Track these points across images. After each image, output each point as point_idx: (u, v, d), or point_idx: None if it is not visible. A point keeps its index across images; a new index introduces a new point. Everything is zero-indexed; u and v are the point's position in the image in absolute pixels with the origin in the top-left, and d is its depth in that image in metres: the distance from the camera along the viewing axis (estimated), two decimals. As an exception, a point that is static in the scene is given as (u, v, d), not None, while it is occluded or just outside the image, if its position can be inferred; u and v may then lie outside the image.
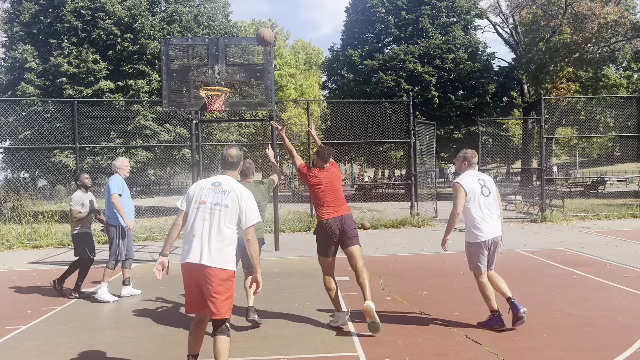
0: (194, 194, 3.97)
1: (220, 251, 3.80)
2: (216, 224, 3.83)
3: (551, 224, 13.93)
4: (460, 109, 26.97)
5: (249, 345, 4.83)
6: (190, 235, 3.86)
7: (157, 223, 14.63)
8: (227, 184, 3.97)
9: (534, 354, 4.43)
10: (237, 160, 4.16)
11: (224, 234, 3.84)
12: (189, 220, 3.91)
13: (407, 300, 6.33)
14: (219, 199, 3.90)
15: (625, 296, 6.25)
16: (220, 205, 3.88)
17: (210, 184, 3.99)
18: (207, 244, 3.78)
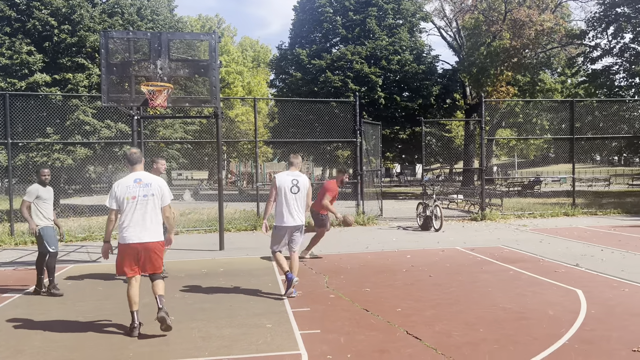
0: (122, 192, 5.11)
1: (156, 229, 5.15)
2: (150, 210, 5.12)
3: (490, 222, 14.43)
4: (406, 109, 27.54)
5: (189, 347, 4.74)
6: (130, 223, 5.05)
7: (97, 222, 14.10)
8: (146, 178, 5.21)
9: (471, 348, 4.57)
10: (140, 156, 5.36)
11: (157, 216, 5.18)
12: (125, 213, 5.06)
13: (350, 298, 6.38)
14: (146, 191, 5.13)
15: (556, 291, 6.55)
16: (148, 196, 5.12)
17: (132, 181, 5.15)
18: (147, 226, 5.09)
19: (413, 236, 12.03)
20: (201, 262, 9.11)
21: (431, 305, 6.01)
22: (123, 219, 5.05)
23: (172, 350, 4.67)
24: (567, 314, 5.50)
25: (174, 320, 5.53)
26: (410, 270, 8.09)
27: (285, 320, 5.50)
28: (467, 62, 29.81)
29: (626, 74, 26.96)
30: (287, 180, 6.57)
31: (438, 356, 4.40)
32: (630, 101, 26.01)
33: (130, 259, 5.08)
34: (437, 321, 5.39)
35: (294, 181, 6.56)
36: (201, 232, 13.18)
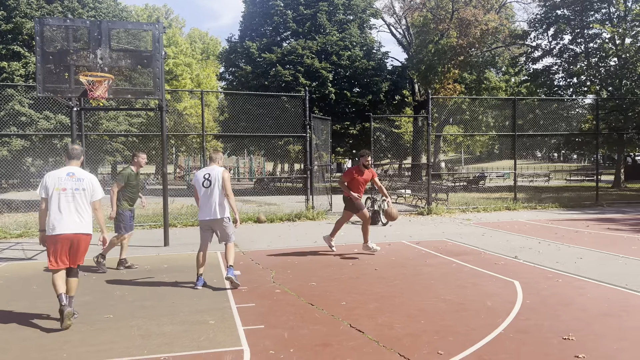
0: (52, 183, 5.28)
1: (85, 223, 5.33)
2: (80, 203, 5.31)
3: (436, 216, 14.77)
4: (356, 105, 27.75)
5: (128, 345, 4.60)
6: (58, 214, 5.20)
7: (34, 218, 13.48)
8: (79, 173, 5.43)
9: (412, 339, 4.65)
10: (80, 153, 5.62)
11: (87, 210, 5.37)
12: (53, 203, 5.22)
13: (296, 292, 6.37)
14: (77, 185, 5.34)
15: (495, 282, 6.77)
16: (79, 190, 5.34)
17: (65, 174, 5.36)
18: (74, 219, 5.24)
19: (361, 231, 12.12)
20: (144, 258, 8.88)
21: (375, 298, 6.08)
22: (51, 210, 5.21)
23: (110, 349, 4.52)
24: (504, 304, 5.69)
25: (112, 319, 5.38)
26: (356, 264, 8.16)
27: (229, 316, 5.43)
28: (415, 59, 30.34)
29: (565, 74, 28.18)
30: (200, 175, 6.74)
31: (379, 348, 4.45)
32: (568, 100, 27.21)
33: (61, 250, 5.20)
34: (380, 314, 5.46)
35: (206, 175, 6.68)
36: (146, 227, 12.85)
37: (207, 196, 6.68)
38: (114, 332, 4.98)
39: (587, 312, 5.38)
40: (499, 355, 4.20)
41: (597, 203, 17.43)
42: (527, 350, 4.33)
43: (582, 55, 26.99)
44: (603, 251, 8.81)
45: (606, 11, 26.49)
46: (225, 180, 6.67)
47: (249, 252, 9.30)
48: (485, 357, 4.17)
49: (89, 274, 7.59)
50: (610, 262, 7.88)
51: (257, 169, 45.75)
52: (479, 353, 4.28)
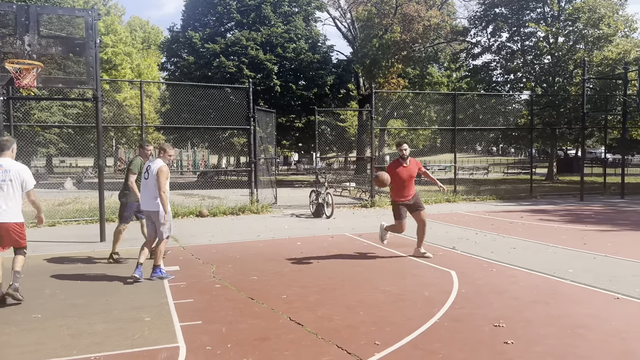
0: None
1: (17, 211, 5.63)
2: (7, 193, 5.52)
3: (379, 209, 14.99)
4: (301, 98, 27.72)
5: (56, 346, 4.39)
6: None
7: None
8: (7, 164, 5.57)
9: (350, 330, 4.69)
10: (8, 144, 5.72)
11: (16, 200, 5.60)
12: None
13: (236, 287, 6.30)
14: (4, 176, 5.51)
15: (433, 272, 6.94)
16: (6, 181, 5.51)
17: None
18: (6, 207, 5.52)
19: (305, 223, 12.16)
20: (78, 254, 8.52)
21: (316, 290, 6.09)
22: None
23: (36, 351, 4.30)
24: (440, 294, 5.83)
25: (40, 319, 5.13)
26: (299, 257, 8.16)
27: (166, 313, 5.29)
28: (360, 53, 30.57)
29: (503, 71, 29.24)
30: (145, 166, 7.01)
31: (318, 340, 4.46)
32: (505, 96, 28.25)
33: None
34: (320, 306, 5.47)
35: (148, 167, 6.84)
36: (82, 222, 12.34)
37: (144, 187, 6.84)
38: (42, 332, 4.75)
39: (518, 300, 5.61)
40: (433, 344, 4.30)
41: (532, 195, 18.22)
42: (460, 338, 4.45)
43: (519, 52, 28.07)
44: (535, 241, 9.21)
45: (541, 10, 27.65)
46: (159, 176, 6.61)
47: (190, 246, 9.11)
48: (421, 346, 4.26)
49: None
50: (541, 252, 8.25)
51: (201, 162, 44.96)
52: (414, 342, 4.36)
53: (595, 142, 40.98)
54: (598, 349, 4.17)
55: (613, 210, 14.27)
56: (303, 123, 27.87)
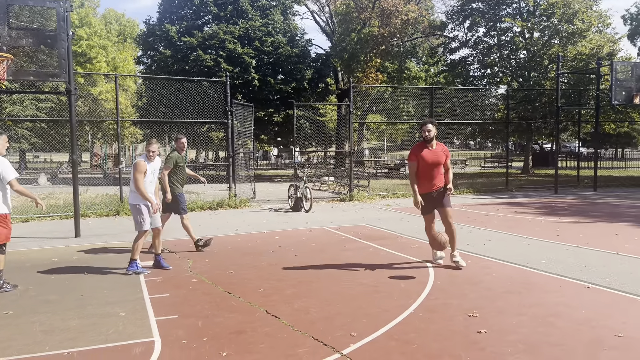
0: None
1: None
2: None
3: (358, 202, 15.05)
4: (280, 92, 27.58)
5: (28, 342, 4.32)
6: None
7: None
8: None
9: (326, 322, 4.71)
10: None
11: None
12: None
13: (213, 281, 6.27)
14: None
15: (409, 264, 7.00)
16: None
17: None
18: None
19: (283, 217, 12.15)
20: (52, 250, 8.38)
21: (293, 284, 6.10)
22: None
23: (8, 347, 4.23)
24: (416, 285, 5.90)
25: (12, 315, 5.05)
26: (277, 250, 8.15)
27: (141, 308, 5.25)
28: (339, 47, 30.55)
29: (479, 65, 29.53)
30: None
31: (294, 333, 4.48)
32: (482, 90, 28.54)
33: None
34: (296, 299, 5.48)
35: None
36: (56, 218, 12.14)
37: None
38: (13, 328, 4.67)
39: (492, 290, 5.70)
40: (408, 335, 4.35)
41: (507, 188, 18.49)
42: (435, 328, 4.51)
43: (495, 47, 28.38)
44: (510, 233, 9.36)
45: (517, 6, 27.97)
46: (133, 170, 6.76)
47: (166, 241, 9.00)
48: (396, 337, 4.30)
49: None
50: (515, 243, 8.39)
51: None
52: (390, 333, 4.41)
53: (569, 135, 41.78)
54: (569, 337, 4.26)
55: (586, 202, 14.57)
56: (282, 117, 27.75)
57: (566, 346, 4.07)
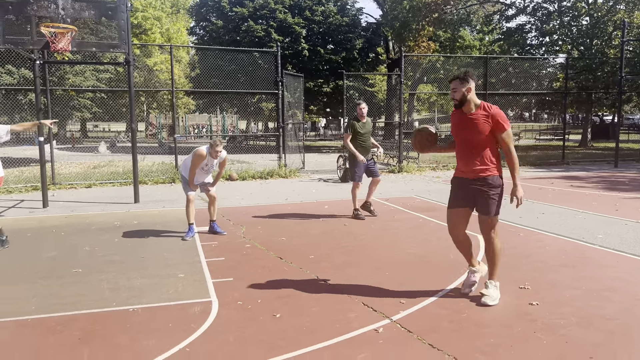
0: None
1: None
2: None
3: (407, 174, 14.98)
4: (329, 62, 27.43)
5: (96, 298, 4.64)
6: None
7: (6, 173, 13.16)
8: None
9: (376, 290, 4.81)
10: None
11: None
12: None
13: (265, 247, 6.47)
14: None
15: (459, 236, 6.97)
16: None
17: None
18: None
19: (332, 188, 12.27)
20: (114, 214, 8.84)
21: (342, 252, 6.22)
22: None
23: (78, 302, 4.56)
24: (466, 256, 5.88)
25: (80, 273, 5.39)
26: (326, 220, 8.29)
27: (199, 270, 5.50)
28: (390, 15, 29.94)
29: (537, 33, 28.26)
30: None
31: (344, 298, 4.60)
32: (539, 59, 27.40)
33: None
34: (346, 266, 5.60)
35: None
36: (116, 185, 12.72)
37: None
38: (83, 285, 5.01)
39: (545, 263, 5.62)
40: (457, 304, 4.38)
41: (564, 161, 17.88)
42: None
43: (555, 14, 27.04)
44: (564, 207, 9.12)
45: (580, -31, 26.45)
46: (193, 155, 6.96)
47: (221, 208, 9.29)
48: (445, 306, 4.35)
49: (57, 230, 7.54)
50: (571, 217, 8.18)
51: (230, 127, 45.24)
52: (439, 302, 4.46)
53: (633, 107, 39.61)
54: (624, 312, 4.19)
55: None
56: (331, 88, 27.67)
57: (621, 320, 4.01)
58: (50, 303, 4.53)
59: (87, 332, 3.90)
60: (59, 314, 4.25)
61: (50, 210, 9.29)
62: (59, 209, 9.33)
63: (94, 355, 3.50)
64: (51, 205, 9.68)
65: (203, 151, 6.85)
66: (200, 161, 6.87)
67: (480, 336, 3.73)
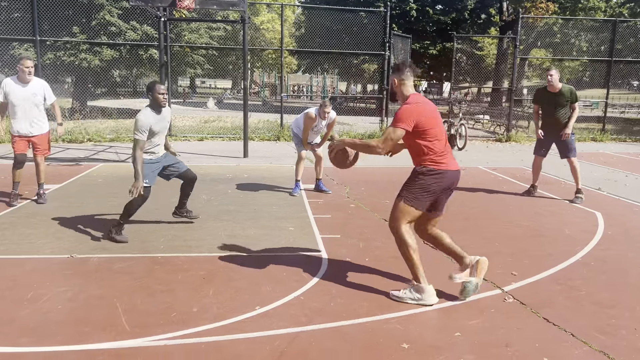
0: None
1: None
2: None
3: (515, 144, 14.29)
4: (438, 23, 26.46)
5: (216, 243, 4.99)
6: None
7: (124, 125, 14.37)
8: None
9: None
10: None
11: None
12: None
13: (370, 208, 6.55)
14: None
15: (574, 212, 6.61)
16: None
17: None
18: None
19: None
20: (226, 167, 9.33)
21: (449, 220, 6.10)
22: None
23: (201, 245, 4.93)
24: (583, 233, 5.59)
25: (200, 219, 5.80)
26: (430, 185, 8.17)
27: (307, 225, 5.71)
28: (507, -27, 28.07)
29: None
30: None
31: (454, 264, 4.56)
32: (677, 24, 24.49)
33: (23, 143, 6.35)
34: (453, 234, 5.46)
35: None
36: (225, 139, 13.36)
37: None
38: (203, 230, 5.40)
39: (673, 247, 5.20)
40: (574, 281, 4.20)
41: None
42: (605, 278, 4.29)
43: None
44: (697, 189, 8.29)
45: None
46: (304, 117, 7.07)
47: (325, 168, 9.48)
48: (561, 282, 4.19)
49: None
50: None
51: (330, 88, 45.46)
52: (554, 277, 4.30)
53: None
54: None
55: None
56: (437, 50, 26.75)
57: None
58: (177, 244, 4.94)
59: (210, 272, 4.23)
60: (184, 255, 4.64)
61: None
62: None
63: (218, 293, 3.80)
64: (169, 154, 10.40)
65: (312, 113, 6.98)
66: (311, 123, 7.02)
67: (600, 316, 3.57)
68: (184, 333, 3.20)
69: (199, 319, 3.38)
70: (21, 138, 6.23)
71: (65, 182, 7.59)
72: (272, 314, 3.50)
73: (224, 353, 2.98)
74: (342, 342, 3.14)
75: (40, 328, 3.22)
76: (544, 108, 7.39)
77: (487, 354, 3.03)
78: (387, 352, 3.03)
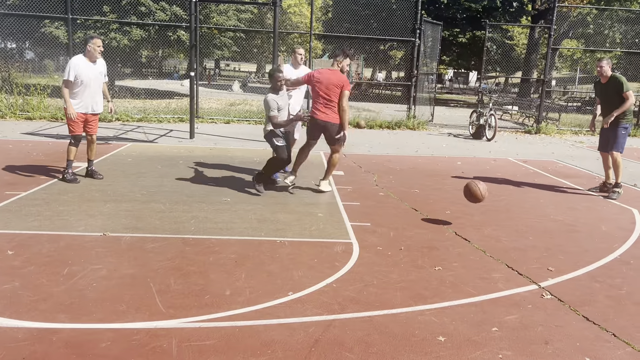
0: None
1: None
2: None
3: (545, 136, 13.99)
4: (469, 11, 25.88)
5: (246, 227, 4.97)
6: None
7: (151, 105, 14.45)
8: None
9: (519, 253, 4.63)
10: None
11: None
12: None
13: (399, 197, 6.47)
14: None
15: (610, 208, 6.44)
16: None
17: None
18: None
19: (464, 144, 11.84)
20: (253, 151, 9.31)
21: (480, 211, 6.03)
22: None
23: (231, 228, 4.92)
24: (620, 231, 5.43)
25: (230, 202, 5.79)
26: (460, 176, 8.05)
27: (336, 212, 5.66)
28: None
29: None
30: None
31: (486, 257, 4.49)
32: None
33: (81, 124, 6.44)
34: (485, 226, 5.44)
35: None
36: (252, 122, 13.34)
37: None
38: (233, 213, 5.39)
39: None
40: (614, 279, 4.09)
41: None
42: (645, 278, 4.17)
43: None
44: None
45: None
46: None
47: (350, 154, 9.42)
48: (600, 279, 4.08)
49: (204, 160, 8.12)
50: None
51: (355, 74, 45.07)
52: (592, 274, 4.19)
53: None
54: None
55: None
56: (467, 38, 26.23)
57: None
58: (208, 226, 4.94)
59: (241, 255, 4.22)
60: (215, 237, 4.64)
61: (196, 141, 10.01)
62: (204, 141, 10.02)
63: (250, 277, 3.79)
64: (196, 137, 10.41)
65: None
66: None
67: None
68: (218, 316, 3.19)
69: (232, 302, 3.37)
70: (81, 117, 6.30)
71: (96, 160, 7.63)
72: (305, 300, 3.47)
73: (259, 338, 2.96)
74: (377, 332, 3.10)
75: (77, 305, 3.25)
76: (601, 100, 7.26)
77: (526, 351, 2.96)
78: (423, 345, 2.98)
